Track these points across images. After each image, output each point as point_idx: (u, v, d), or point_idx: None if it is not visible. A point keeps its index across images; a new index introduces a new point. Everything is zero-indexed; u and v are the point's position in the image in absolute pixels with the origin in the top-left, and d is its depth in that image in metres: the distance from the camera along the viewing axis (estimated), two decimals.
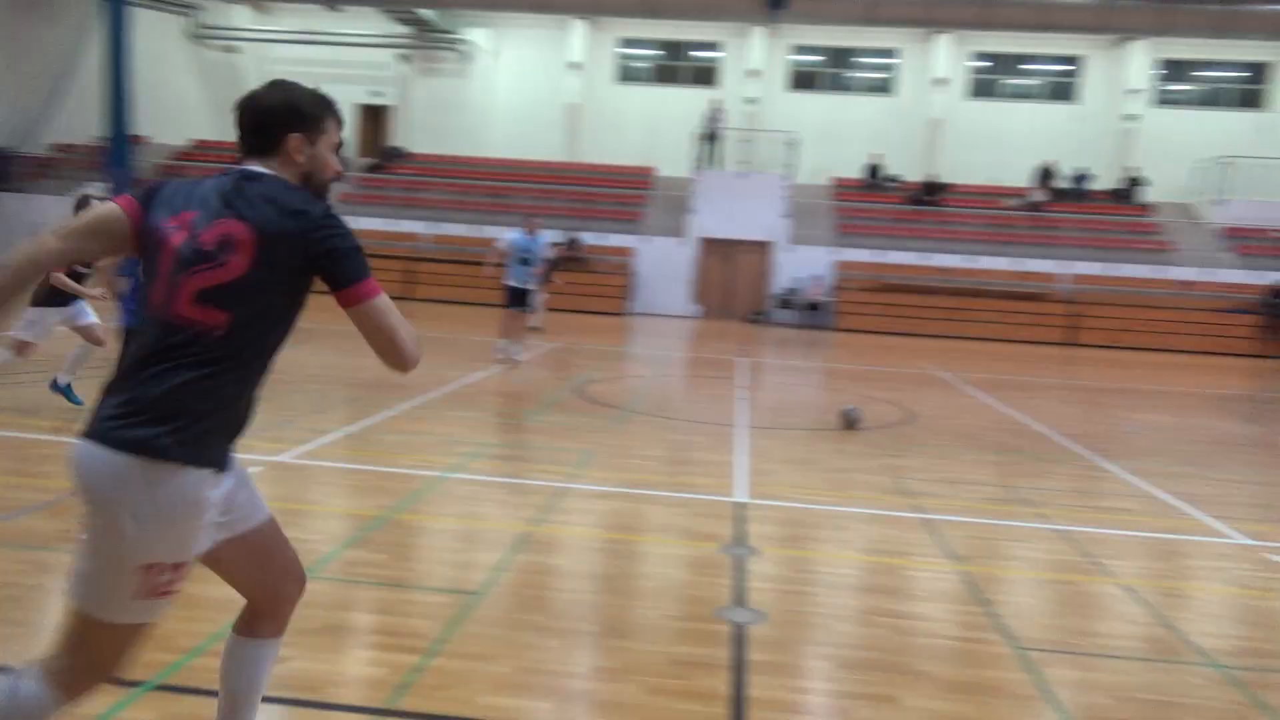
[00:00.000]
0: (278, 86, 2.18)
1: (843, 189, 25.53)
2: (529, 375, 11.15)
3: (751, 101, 27.34)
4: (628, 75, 29.01)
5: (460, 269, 22.42)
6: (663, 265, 23.32)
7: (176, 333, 1.96)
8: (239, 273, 1.97)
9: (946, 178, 25.50)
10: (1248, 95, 27.27)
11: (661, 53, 28.95)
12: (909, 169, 26.15)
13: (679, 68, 28.95)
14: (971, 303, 22.07)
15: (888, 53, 28.01)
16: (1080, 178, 25.40)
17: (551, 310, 13.63)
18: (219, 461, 2.03)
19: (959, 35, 26.62)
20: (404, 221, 23.88)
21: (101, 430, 1.95)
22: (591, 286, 21.73)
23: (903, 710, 3.21)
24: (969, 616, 4.14)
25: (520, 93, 28.66)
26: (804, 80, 28.52)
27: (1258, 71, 27.06)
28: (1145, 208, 24.93)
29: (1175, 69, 27.23)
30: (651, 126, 27.78)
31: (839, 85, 28.55)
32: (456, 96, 28.90)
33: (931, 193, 24.88)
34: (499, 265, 11.50)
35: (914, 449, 7.91)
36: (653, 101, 28.29)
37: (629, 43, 28.81)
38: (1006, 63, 27.89)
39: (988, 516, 5.89)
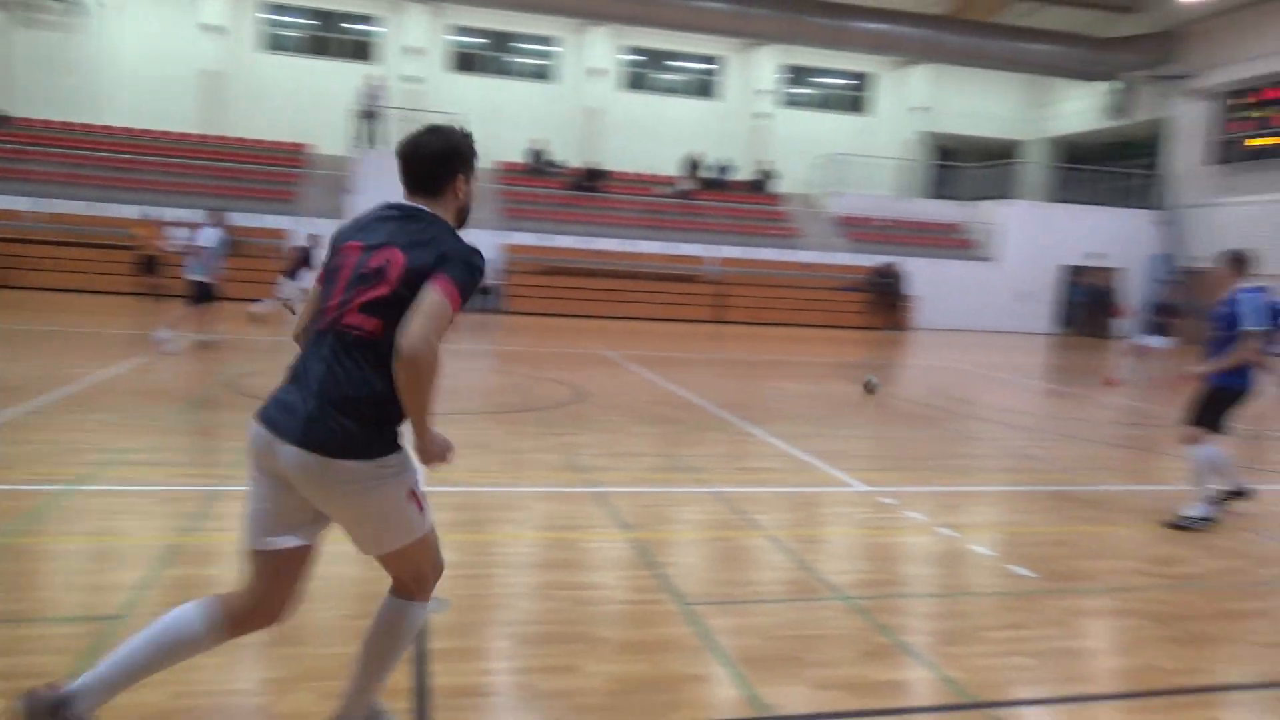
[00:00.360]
0: (437, 134, 2.58)
1: (508, 173, 25.77)
2: (172, 370, 10.08)
3: (412, 80, 26.69)
4: (276, 44, 27.03)
5: (79, 252, 19.73)
6: (322, 248, 22.09)
7: (348, 337, 2.40)
8: (389, 290, 2.39)
9: (606, 165, 26.65)
10: (855, 101, 31.41)
11: (314, 22, 27.30)
12: (570, 155, 27.00)
13: (333, 40, 27.49)
14: (630, 284, 23.31)
15: (547, 40, 28.63)
16: (723, 169, 27.77)
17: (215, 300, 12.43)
18: (399, 442, 2.45)
19: (614, 28, 27.86)
20: (3, 197, 20.46)
21: (312, 434, 2.34)
22: (242, 272, 20.09)
23: (584, 677, 3.33)
24: (640, 580, 4.39)
25: (147, 55, 25.66)
26: (465, 62, 28.34)
27: (862, 80, 31.26)
28: (776, 197, 27.81)
29: (797, 74, 30.62)
30: (304, 101, 26.14)
31: (501, 69, 28.72)
32: (68, 54, 25.18)
33: (592, 179, 25.88)
34: (179, 257, 10.64)
35: (584, 426, 8.21)
36: (305, 74, 26.63)
37: (275, 8, 26.84)
38: (657, 58, 29.68)
39: (653, 485, 6.28)
